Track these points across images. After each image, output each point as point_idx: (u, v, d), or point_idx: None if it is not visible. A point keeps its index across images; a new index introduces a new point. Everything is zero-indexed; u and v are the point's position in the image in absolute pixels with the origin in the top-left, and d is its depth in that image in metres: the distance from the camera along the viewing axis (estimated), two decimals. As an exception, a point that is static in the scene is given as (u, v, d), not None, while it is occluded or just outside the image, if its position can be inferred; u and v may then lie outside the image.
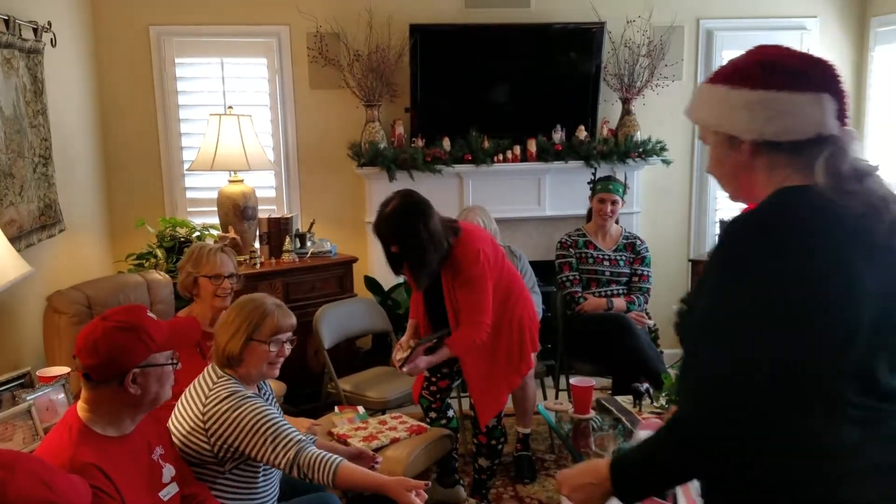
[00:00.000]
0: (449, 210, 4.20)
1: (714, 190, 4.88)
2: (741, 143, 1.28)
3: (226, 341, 2.12)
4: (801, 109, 1.23)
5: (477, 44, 4.46)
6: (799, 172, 1.25)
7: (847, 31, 4.77)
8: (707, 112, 1.33)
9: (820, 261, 1.16)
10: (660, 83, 4.53)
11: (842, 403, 1.19)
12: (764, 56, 1.29)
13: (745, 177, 1.31)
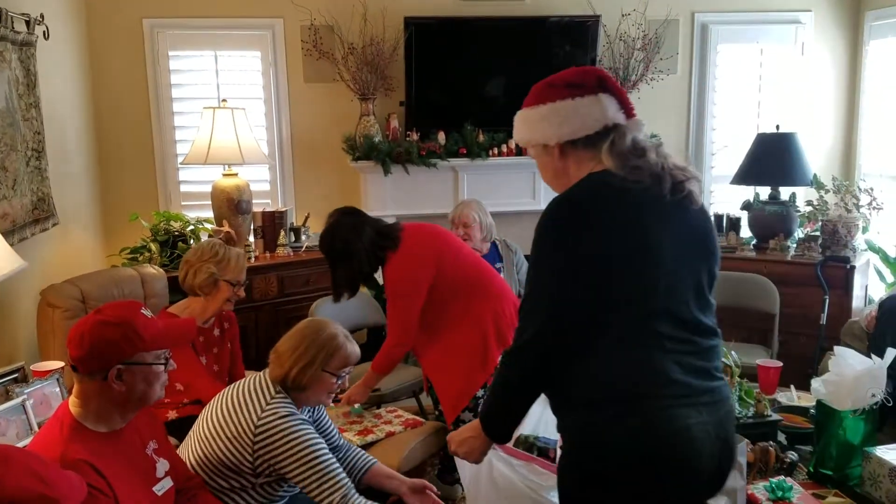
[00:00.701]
0: (444, 204, 4.22)
1: (709, 183, 4.89)
2: (551, 148, 1.61)
3: (296, 369, 2.07)
4: (584, 110, 1.55)
5: (472, 37, 4.45)
6: (601, 162, 1.55)
7: (841, 24, 4.77)
8: (523, 132, 1.66)
9: (618, 224, 1.47)
10: (655, 77, 4.53)
11: (658, 337, 1.46)
12: (549, 78, 1.63)
13: (563, 175, 1.62)
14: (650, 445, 1.44)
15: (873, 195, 4.02)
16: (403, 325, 2.83)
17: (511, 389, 1.59)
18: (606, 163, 1.53)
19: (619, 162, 1.52)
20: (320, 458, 2.00)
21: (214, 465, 2.05)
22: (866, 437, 2.21)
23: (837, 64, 4.80)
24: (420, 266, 2.81)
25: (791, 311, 3.83)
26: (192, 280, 2.73)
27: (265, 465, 2.02)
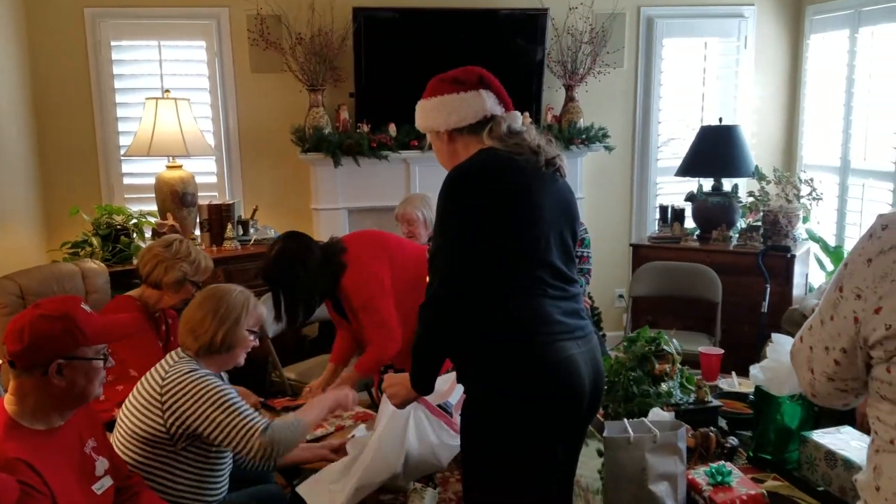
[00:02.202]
0: (395, 196, 4.20)
1: (654, 175, 4.97)
2: (441, 134, 1.86)
3: (222, 331, 2.15)
4: (467, 103, 1.82)
5: (423, 28, 4.44)
6: (485, 144, 1.80)
7: (783, 18, 4.89)
8: (420, 120, 1.91)
9: (507, 187, 1.73)
10: (602, 70, 4.58)
11: (543, 285, 1.74)
12: (440, 75, 1.88)
13: (454, 157, 1.85)
14: (546, 373, 1.70)
15: (813, 186, 4.13)
16: (386, 322, 2.78)
17: (427, 340, 1.77)
18: (489, 143, 1.81)
19: (499, 142, 1.80)
20: (230, 403, 2.04)
21: (134, 442, 2.07)
22: (803, 422, 2.27)
23: (779, 58, 4.92)
24: (376, 265, 2.81)
25: (734, 300, 3.93)
26: (160, 275, 2.70)
27: (177, 424, 2.04)
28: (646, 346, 2.63)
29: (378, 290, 2.79)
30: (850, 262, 1.21)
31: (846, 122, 4.36)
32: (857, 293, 1.17)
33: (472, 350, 1.75)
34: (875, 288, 1.15)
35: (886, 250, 1.15)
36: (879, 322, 1.14)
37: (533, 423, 1.70)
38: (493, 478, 1.75)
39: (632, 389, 2.53)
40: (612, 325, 4.86)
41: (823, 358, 1.26)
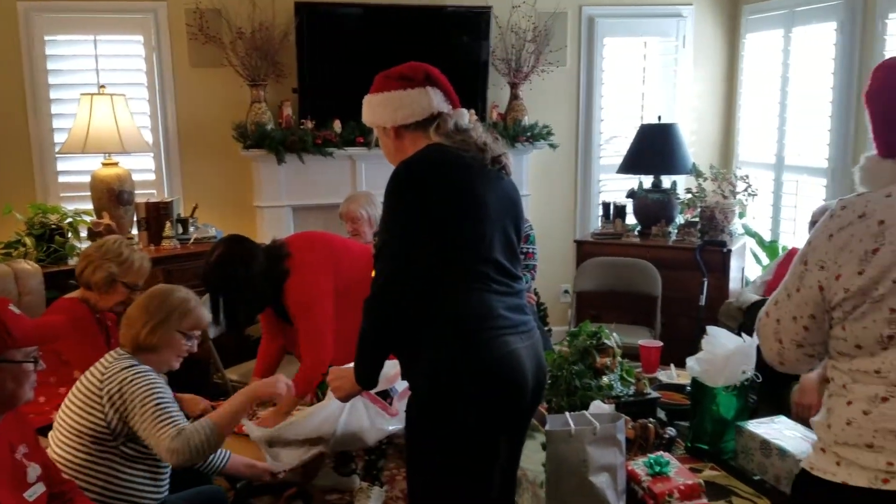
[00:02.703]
0: (341, 194, 4.16)
1: (597, 173, 5.05)
2: (388, 130, 1.86)
3: (147, 328, 2.12)
4: (414, 100, 1.82)
5: (367, 24, 4.41)
6: (432, 140, 1.81)
7: (720, 18, 5.01)
8: (366, 115, 1.91)
9: (453, 183, 1.74)
10: (545, 69, 4.62)
11: (487, 281, 1.75)
12: (386, 71, 1.88)
13: (401, 153, 1.84)
14: (490, 367, 1.72)
15: (748, 182, 4.25)
16: (320, 338, 2.74)
17: (371, 335, 1.77)
18: (436, 140, 1.82)
19: (446, 139, 1.81)
20: (156, 400, 2.01)
21: (75, 441, 2.04)
22: (739, 413, 2.33)
23: (717, 57, 5.05)
24: (321, 272, 2.78)
25: (673, 294, 4.02)
26: (89, 276, 2.65)
27: (117, 417, 2.01)
28: (587, 340, 2.67)
29: (319, 299, 2.75)
30: (814, 239, 1.38)
31: (781, 119, 4.50)
32: (821, 265, 1.35)
33: (416, 344, 1.75)
34: (836, 258, 1.32)
35: (845, 226, 1.32)
36: (839, 287, 1.32)
37: (476, 416, 1.71)
38: (438, 470, 1.76)
39: (574, 383, 2.56)
40: (558, 320, 4.92)
41: (792, 327, 1.42)
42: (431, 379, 1.74)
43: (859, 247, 1.29)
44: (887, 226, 1.27)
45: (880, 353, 1.30)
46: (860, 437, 1.31)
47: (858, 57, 3.88)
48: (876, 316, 1.28)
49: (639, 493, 2.06)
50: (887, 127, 1.35)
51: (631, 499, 2.06)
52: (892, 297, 1.26)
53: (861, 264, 1.28)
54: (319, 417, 2.37)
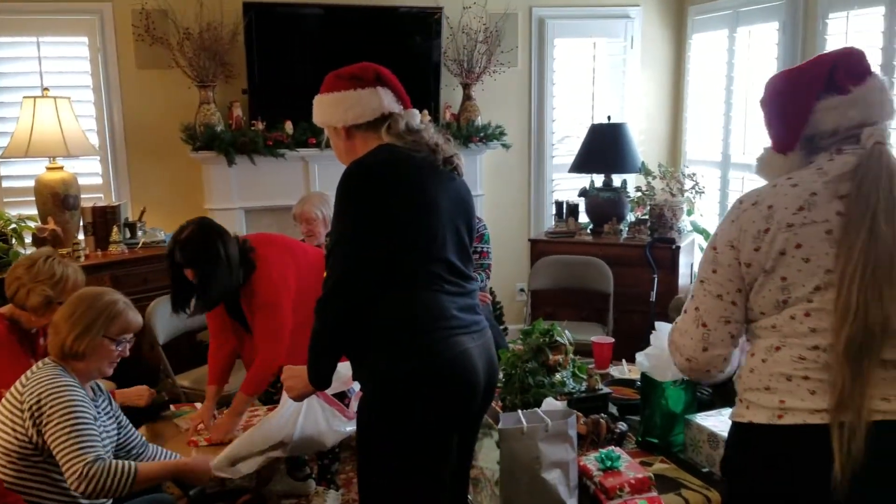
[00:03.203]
0: (293, 196, 4.13)
1: (550, 172, 5.10)
2: (339, 130, 1.86)
3: (73, 335, 2.05)
4: (364, 100, 1.82)
5: (318, 24, 4.39)
6: (383, 140, 1.82)
7: (667, 19, 5.10)
8: (317, 115, 1.90)
9: (404, 183, 1.74)
10: (497, 69, 4.65)
11: (439, 281, 1.76)
12: (337, 71, 1.88)
13: (352, 153, 1.84)
14: (442, 367, 1.72)
15: (696, 180, 4.34)
16: (276, 335, 2.69)
17: (323, 336, 1.76)
18: (387, 140, 1.82)
19: (397, 139, 1.82)
20: (73, 422, 1.95)
21: (4, 459, 1.98)
22: (687, 406, 2.38)
23: (664, 57, 5.14)
24: (286, 271, 2.75)
25: (625, 290, 4.08)
26: (23, 299, 2.49)
27: (35, 432, 1.96)
28: (540, 338, 2.70)
29: (285, 294, 2.72)
30: (719, 228, 1.54)
31: (726, 118, 4.60)
32: (731, 244, 1.50)
33: (368, 345, 1.75)
34: (739, 238, 1.49)
35: (742, 213, 1.50)
36: (743, 263, 1.49)
37: (429, 416, 1.72)
38: (390, 470, 1.76)
39: (527, 381, 2.58)
40: (514, 319, 4.96)
41: (718, 305, 1.52)
42: (384, 379, 1.73)
43: (752, 227, 1.47)
44: (774, 209, 1.45)
45: (777, 313, 1.48)
46: (759, 381, 1.49)
47: (800, 56, 3.98)
48: (771, 285, 1.46)
49: (591, 488, 2.08)
50: (775, 127, 1.57)
51: (583, 494, 2.09)
52: (781, 268, 1.45)
53: (756, 241, 1.46)
54: (277, 423, 2.35)
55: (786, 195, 1.45)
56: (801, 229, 1.42)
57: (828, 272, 1.41)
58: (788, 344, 1.46)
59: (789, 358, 1.46)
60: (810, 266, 1.42)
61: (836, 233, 1.40)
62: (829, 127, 1.46)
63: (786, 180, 1.48)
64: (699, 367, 1.57)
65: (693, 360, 1.56)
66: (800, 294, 1.44)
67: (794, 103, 1.50)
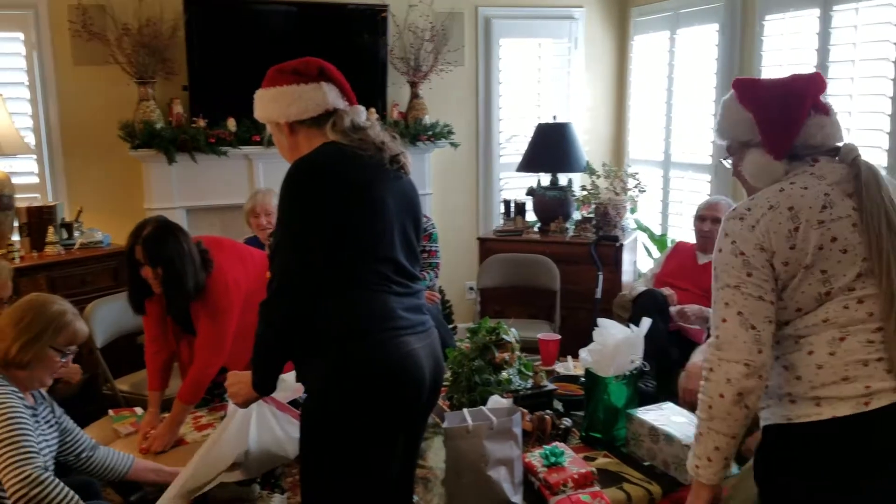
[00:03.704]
0: (238, 194, 4.08)
1: (498, 171, 5.12)
2: (282, 125, 1.82)
3: (18, 343, 1.97)
4: (307, 95, 1.78)
5: (261, 20, 4.32)
6: (328, 138, 1.78)
7: (610, 20, 5.17)
8: (258, 110, 1.86)
9: (351, 182, 1.71)
10: (444, 68, 4.66)
11: (386, 281, 1.75)
12: (279, 65, 1.84)
13: (295, 150, 1.82)
14: (389, 368, 1.71)
15: (638, 179, 4.41)
16: (220, 342, 2.64)
17: (268, 339, 1.73)
18: (332, 138, 1.78)
19: (343, 137, 1.78)
20: (10, 434, 1.88)
21: None
22: (629, 401, 2.42)
23: (607, 58, 5.21)
24: (237, 277, 2.70)
25: (571, 288, 4.12)
26: None
27: None
28: (486, 336, 2.72)
29: (236, 301, 2.67)
30: (737, 237, 1.55)
31: (668, 118, 4.69)
32: (760, 247, 1.53)
33: (314, 346, 1.72)
34: (769, 240, 1.52)
35: (760, 217, 1.54)
36: (778, 262, 1.52)
37: (375, 416, 1.71)
38: (335, 471, 1.74)
39: (474, 379, 2.60)
40: (464, 317, 4.97)
41: (761, 305, 1.52)
42: (330, 380, 1.71)
43: (781, 228, 1.52)
44: (797, 209, 1.53)
45: (821, 307, 1.53)
46: (835, 374, 1.51)
47: (739, 57, 4.08)
48: (811, 279, 1.52)
49: (535, 485, 2.11)
50: (777, 133, 1.62)
51: (528, 490, 2.11)
52: (820, 262, 1.51)
53: (790, 240, 1.52)
54: (227, 440, 2.22)
55: (803, 196, 1.54)
56: (832, 224, 1.52)
57: (864, 260, 1.51)
58: (853, 332, 1.51)
59: (859, 344, 1.50)
60: (848, 256, 1.51)
61: (860, 225, 1.52)
62: (818, 141, 1.61)
63: (790, 185, 1.57)
64: (757, 371, 1.52)
65: (751, 363, 1.52)
66: (842, 284, 1.52)
67: (796, 112, 1.60)
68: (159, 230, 2.52)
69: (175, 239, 2.52)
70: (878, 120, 3.29)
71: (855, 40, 3.35)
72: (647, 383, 2.82)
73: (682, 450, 2.10)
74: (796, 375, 1.55)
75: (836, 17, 3.44)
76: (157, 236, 2.50)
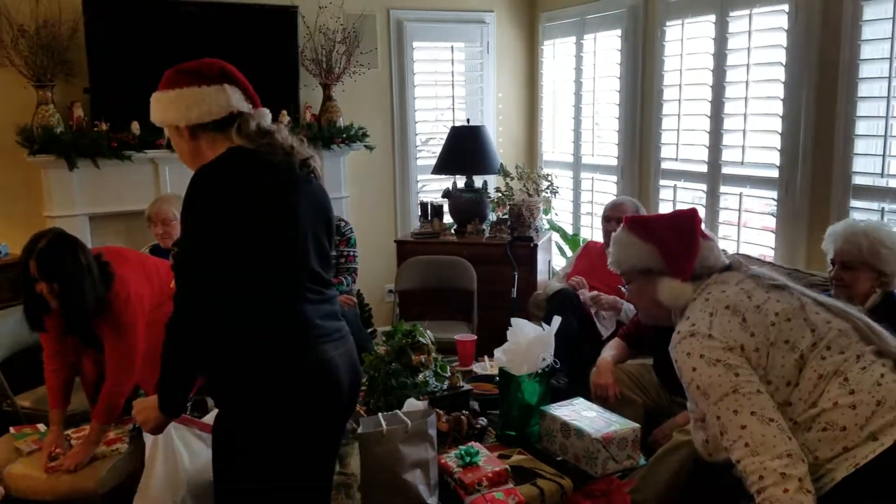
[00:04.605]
0: (144, 200, 3.93)
1: (415, 173, 5.14)
2: (181, 129, 1.74)
3: None
4: (209, 97, 1.71)
5: (167, 19, 4.18)
6: (234, 142, 1.72)
7: (520, 25, 5.27)
8: (156, 114, 1.76)
9: (261, 190, 1.65)
10: (357, 70, 4.64)
11: (302, 289, 1.71)
12: (179, 66, 1.76)
13: (198, 155, 1.74)
14: (308, 378, 1.68)
15: (550, 181, 4.51)
16: (129, 358, 2.56)
17: (176, 358, 1.67)
18: (237, 142, 1.71)
19: (249, 141, 1.71)
20: None
21: None
22: (542, 398, 2.47)
23: (519, 62, 5.30)
24: (140, 290, 2.62)
25: (488, 288, 4.18)
26: None
27: None
28: (403, 339, 2.72)
29: (141, 315, 2.59)
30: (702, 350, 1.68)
31: (576, 121, 4.82)
32: (728, 348, 1.66)
33: (228, 361, 1.67)
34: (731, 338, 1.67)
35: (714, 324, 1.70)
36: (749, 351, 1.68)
37: (293, 426, 1.68)
38: (252, 485, 1.70)
39: (390, 382, 2.60)
40: (384, 321, 4.96)
41: (764, 398, 1.61)
42: (247, 395, 1.66)
43: (733, 324, 1.68)
44: (734, 306, 1.71)
45: (806, 370, 1.65)
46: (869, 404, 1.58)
47: (641, 62, 4.23)
48: (782, 352, 1.66)
49: (451, 485, 2.12)
50: (684, 259, 1.86)
51: (444, 491, 2.12)
52: (780, 335, 1.67)
53: (745, 330, 1.67)
54: (158, 478, 2.10)
55: (728, 296, 1.74)
56: (766, 305, 1.70)
57: (805, 319, 1.69)
58: (848, 368, 1.62)
59: (862, 372, 1.61)
60: (795, 322, 1.68)
61: (783, 295, 1.73)
62: (711, 262, 1.87)
63: (709, 294, 1.78)
64: (799, 455, 1.54)
65: (791, 451, 1.54)
66: (808, 343, 1.66)
67: (691, 240, 1.86)
68: (54, 243, 2.41)
69: (72, 252, 2.41)
70: (770, 122, 3.48)
71: (749, 45, 3.53)
72: (559, 380, 2.89)
73: (593, 443, 2.16)
74: (841, 427, 1.59)
75: (731, 23, 3.61)
76: (52, 250, 2.39)
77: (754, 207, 3.69)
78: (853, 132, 3.11)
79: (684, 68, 3.93)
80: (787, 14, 3.32)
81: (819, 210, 3.28)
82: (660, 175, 4.18)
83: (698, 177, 3.90)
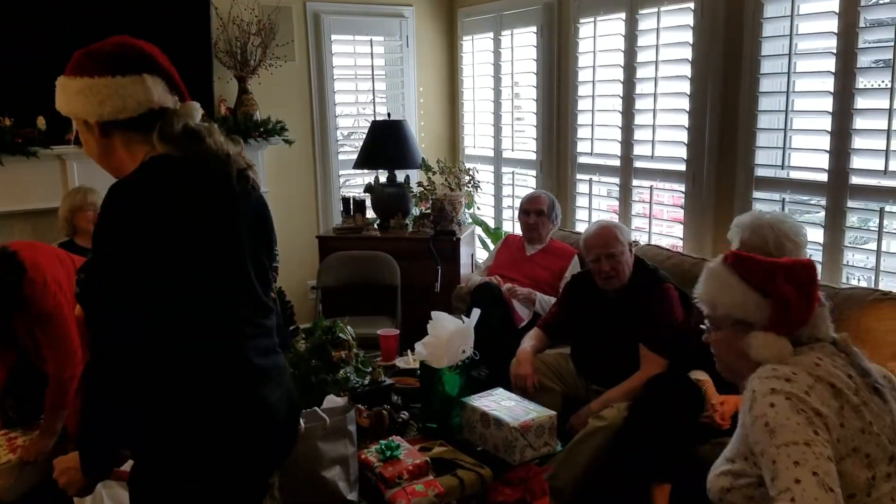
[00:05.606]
0: (51, 198, 3.78)
1: (337, 168, 5.09)
2: (91, 125, 1.48)
3: None
4: (125, 90, 1.44)
5: (69, 6, 4.00)
6: (155, 147, 1.46)
7: (439, 20, 5.28)
8: (61, 102, 1.50)
9: (191, 211, 1.42)
10: (273, 63, 4.56)
11: (239, 324, 1.48)
12: (89, 48, 1.49)
13: (111, 155, 1.51)
14: (243, 427, 1.48)
15: (472, 175, 4.55)
16: (65, 343, 2.48)
17: (96, 410, 1.42)
18: (161, 149, 1.45)
19: (175, 148, 1.45)
20: None
21: None
22: (462, 389, 2.51)
23: (438, 57, 5.32)
24: (56, 276, 2.52)
25: (412, 283, 4.20)
26: None
27: None
28: (322, 336, 2.71)
29: (62, 299, 2.49)
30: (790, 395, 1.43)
31: (496, 116, 4.87)
32: (818, 411, 1.41)
33: (154, 411, 1.44)
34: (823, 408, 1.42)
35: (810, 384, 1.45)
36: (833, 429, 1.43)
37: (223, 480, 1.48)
38: None
39: (311, 380, 2.58)
40: (307, 317, 4.89)
41: (832, 469, 1.37)
42: (171, 446, 1.44)
43: (832, 403, 1.45)
44: (838, 388, 1.47)
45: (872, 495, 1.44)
46: None
47: (557, 58, 4.31)
48: (858, 462, 1.43)
49: (372, 480, 2.13)
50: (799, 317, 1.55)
51: (365, 486, 2.13)
52: (864, 446, 1.44)
53: (839, 418, 1.44)
54: None
55: (835, 376, 1.48)
56: (864, 409, 1.46)
57: (891, 442, 1.46)
58: None
59: None
60: (882, 440, 1.45)
61: (888, 419, 1.49)
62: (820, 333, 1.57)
63: (818, 359, 1.51)
64: None
65: None
66: (883, 471, 1.44)
67: (813, 302, 1.56)
68: None
69: None
70: (678, 117, 3.61)
71: (658, 42, 3.64)
72: (479, 371, 2.93)
73: (511, 432, 2.20)
74: None
75: (641, 21, 3.72)
76: None
77: (665, 200, 3.83)
78: (755, 126, 3.25)
79: (597, 65, 4.02)
80: (692, 11, 3.45)
81: (724, 202, 3.42)
82: (576, 169, 4.28)
83: (612, 171, 4.01)
